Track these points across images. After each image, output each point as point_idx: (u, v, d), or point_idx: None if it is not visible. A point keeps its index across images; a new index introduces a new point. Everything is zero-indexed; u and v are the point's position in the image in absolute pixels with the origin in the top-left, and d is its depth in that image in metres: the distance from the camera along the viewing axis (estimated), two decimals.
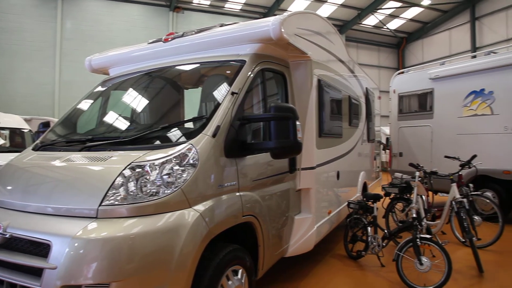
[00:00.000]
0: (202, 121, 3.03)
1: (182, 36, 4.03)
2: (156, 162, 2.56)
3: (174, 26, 20.13)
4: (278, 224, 3.78)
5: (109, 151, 2.86)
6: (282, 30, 3.46)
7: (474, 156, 6.11)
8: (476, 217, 5.69)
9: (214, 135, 2.85)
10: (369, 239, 5.07)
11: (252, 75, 3.41)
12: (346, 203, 5.66)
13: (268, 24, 3.50)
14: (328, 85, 4.99)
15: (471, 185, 5.98)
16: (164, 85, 4.22)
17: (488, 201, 6.20)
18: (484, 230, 5.85)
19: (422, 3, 21.15)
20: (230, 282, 2.86)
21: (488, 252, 5.64)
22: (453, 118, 8.47)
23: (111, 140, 3.03)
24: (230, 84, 3.23)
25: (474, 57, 9.36)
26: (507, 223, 6.40)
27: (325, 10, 21.70)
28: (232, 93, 3.14)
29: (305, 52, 4.16)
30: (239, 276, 2.98)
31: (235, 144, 3.04)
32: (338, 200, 5.60)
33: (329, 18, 22.17)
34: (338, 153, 5.51)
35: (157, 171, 2.53)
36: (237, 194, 3.08)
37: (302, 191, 4.29)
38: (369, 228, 5.13)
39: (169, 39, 4.07)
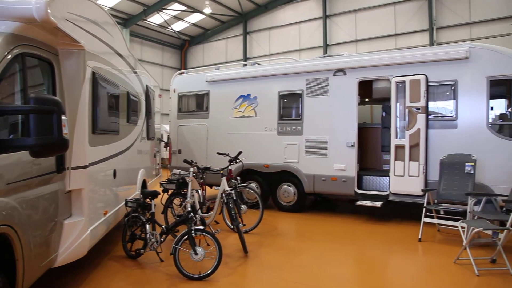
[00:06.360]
0: None
1: None
2: None
3: None
4: (44, 231, 3.35)
5: None
6: (49, 11, 3.08)
7: (240, 153, 6.96)
8: (242, 206, 6.51)
9: None
10: (148, 236, 5.09)
11: (8, 58, 2.90)
12: (124, 202, 5.52)
13: (31, 2, 3.05)
14: (104, 79, 4.74)
15: (239, 178, 6.78)
16: None
17: (252, 191, 7.14)
18: (249, 216, 6.71)
19: (204, 11, 22.67)
20: None
21: (252, 235, 6.49)
22: (226, 118, 9.42)
23: None
24: None
25: (245, 65, 10.59)
26: (266, 209, 7.61)
27: (110, 0, 20.52)
28: None
29: (77, 40, 3.82)
30: None
31: None
32: (115, 200, 5.40)
33: (113, 9, 21.12)
34: (115, 151, 5.31)
35: None
36: None
37: (73, 192, 3.93)
38: (147, 225, 5.14)
39: None
